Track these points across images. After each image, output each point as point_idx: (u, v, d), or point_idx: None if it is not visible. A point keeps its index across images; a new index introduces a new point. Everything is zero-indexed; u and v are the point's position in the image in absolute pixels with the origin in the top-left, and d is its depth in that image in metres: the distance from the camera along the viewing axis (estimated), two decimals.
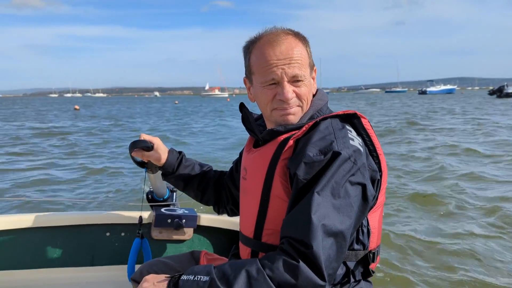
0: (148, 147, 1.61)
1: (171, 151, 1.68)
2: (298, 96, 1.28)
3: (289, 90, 1.25)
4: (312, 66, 1.34)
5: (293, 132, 1.25)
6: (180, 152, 1.71)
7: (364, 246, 1.24)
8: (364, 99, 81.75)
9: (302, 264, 1.03)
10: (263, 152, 1.30)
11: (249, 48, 1.33)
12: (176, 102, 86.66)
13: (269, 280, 1.03)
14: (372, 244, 1.27)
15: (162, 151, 1.64)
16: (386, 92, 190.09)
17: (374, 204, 1.25)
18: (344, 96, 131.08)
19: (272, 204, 1.25)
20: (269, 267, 1.05)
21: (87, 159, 10.02)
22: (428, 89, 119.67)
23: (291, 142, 1.23)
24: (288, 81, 1.26)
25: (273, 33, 1.29)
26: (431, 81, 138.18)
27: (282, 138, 1.26)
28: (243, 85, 1.43)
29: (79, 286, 2.02)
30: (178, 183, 1.71)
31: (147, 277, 1.23)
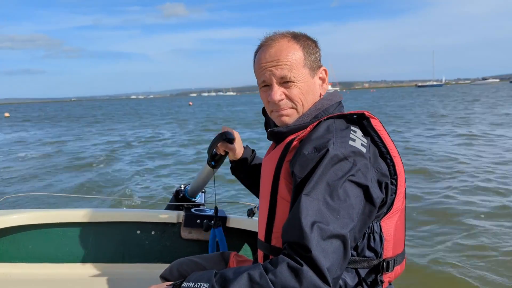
0: (233, 139, 1.63)
1: (246, 147, 1.70)
2: (289, 98, 1.27)
3: (276, 92, 1.26)
4: (313, 67, 1.31)
5: (299, 133, 1.25)
6: (253, 150, 1.73)
7: (377, 254, 1.19)
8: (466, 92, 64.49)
9: (305, 268, 0.97)
10: (272, 155, 1.29)
11: (255, 56, 1.36)
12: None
13: (271, 285, 0.98)
14: (387, 253, 1.21)
15: (240, 146, 1.68)
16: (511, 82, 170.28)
17: (390, 210, 1.19)
18: (450, 89, 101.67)
19: (279, 206, 1.23)
20: (272, 271, 0.99)
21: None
22: None
23: (295, 143, 1.22)
24: (278, 83, 1.27)
25: (269, 38, 1.31)
26: None
27: (289, 140, 1.25)
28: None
29: (110, 282, 2.03)
30: (246, 180, 1.71)
31: (151, 287, 1.37)
